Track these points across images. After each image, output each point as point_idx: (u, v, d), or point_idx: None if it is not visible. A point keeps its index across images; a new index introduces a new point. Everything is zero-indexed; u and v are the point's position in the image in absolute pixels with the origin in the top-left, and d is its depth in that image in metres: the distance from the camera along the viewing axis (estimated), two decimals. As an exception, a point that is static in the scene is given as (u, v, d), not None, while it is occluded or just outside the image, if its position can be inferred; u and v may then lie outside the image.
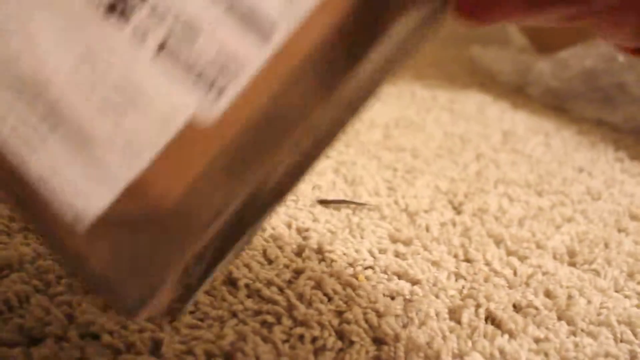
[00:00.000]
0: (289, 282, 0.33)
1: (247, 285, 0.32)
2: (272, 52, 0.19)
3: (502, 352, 0.30)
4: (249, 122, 0.19)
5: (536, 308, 0.33)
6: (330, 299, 0.32)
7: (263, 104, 0.19)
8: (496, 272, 0.36)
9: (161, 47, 0.19)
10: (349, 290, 0.33)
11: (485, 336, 0.31)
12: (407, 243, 0.39)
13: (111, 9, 0.19)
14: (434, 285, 0.34)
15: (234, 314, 0.30)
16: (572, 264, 0.39)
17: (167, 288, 0.20)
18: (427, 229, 0.41)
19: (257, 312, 0.30)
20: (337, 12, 0.19)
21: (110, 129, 0.19)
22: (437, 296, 0.33)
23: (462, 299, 0.33)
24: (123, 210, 0.19)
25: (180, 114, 0.19)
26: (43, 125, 0.19)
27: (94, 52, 0.19)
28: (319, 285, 0.33)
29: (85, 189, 0.19)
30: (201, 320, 0.29)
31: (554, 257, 0.40)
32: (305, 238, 0.37)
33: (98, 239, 0.19)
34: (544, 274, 0.37)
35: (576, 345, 0.31)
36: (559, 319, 0.33)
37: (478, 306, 0.33)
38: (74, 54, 0.19)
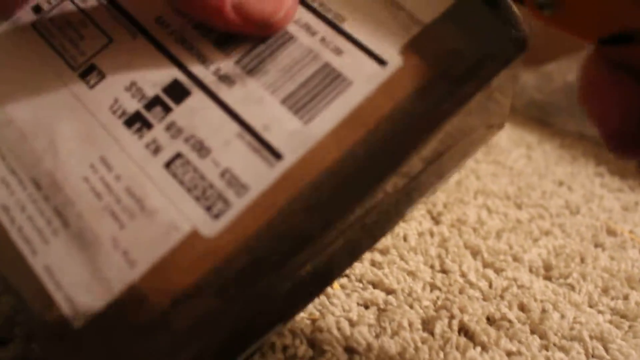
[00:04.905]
0: (263, 288, 0.33)
1: (220, 291, 0.31)
2: (275, 179, 0.19)
3: (473, 364, 0.30)
4: (244, 245, 0.19)
5: (510, 321, 0.33)
6: (303, 307, 0.32)
7: (260, 229, 0.19)
8: (471, 284, 0.36)
9: (171, 161, 0.20)
10: (323, 298, 0.32)
11: (457, 348, 0.30)
12: (383, 252, 0.39)
13: (131, 121, 0.21)
14: (409, 295, 0.34)
15: (206, 320, 0.30)
16: (548, 278, 0.39)
17: None
18: (405, 239, 0.41)
19: (229, 318, 0.30)
20: (346, 143, 0.20)
21: (115, 232, 0.20)
22: (411, 306, 0.33)
23: (436, 310, 0.33)
24: (115, 314, 0.19)
25: (180, 228, 0.19)
26: (55, 220, 0.20)
27: (110, 156, 0.21)
28: (293, 293, 0.33)
29: (85, 288, 0.19)
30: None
31: (530, 271, 0.40)
32: (281, 244, 0.37)
33: (88, 338, 0.19)
34: (519, 287, 0.37)
35: (547, 359, 0.31)
36: (532, 332, 0.33)
37: (452, 317, 0.33)
38: (90, 159, 0.21)
